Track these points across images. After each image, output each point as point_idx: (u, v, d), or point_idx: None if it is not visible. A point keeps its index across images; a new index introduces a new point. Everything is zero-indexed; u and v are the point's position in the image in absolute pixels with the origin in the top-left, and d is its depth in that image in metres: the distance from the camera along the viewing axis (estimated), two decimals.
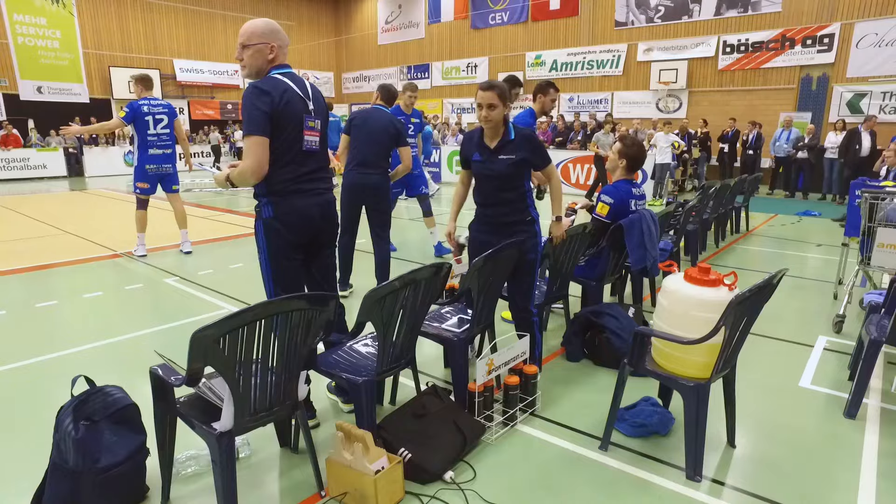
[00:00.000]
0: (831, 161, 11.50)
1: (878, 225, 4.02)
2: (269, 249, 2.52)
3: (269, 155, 2.35)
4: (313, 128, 2.51)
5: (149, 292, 5.15)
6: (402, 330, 2.43)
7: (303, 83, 2.51)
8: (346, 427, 2.29)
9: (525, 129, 2.96)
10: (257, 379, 2.00)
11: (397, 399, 3.04)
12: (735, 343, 2.35)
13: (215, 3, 20.37)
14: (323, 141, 2.60)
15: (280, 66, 2.48)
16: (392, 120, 4.49)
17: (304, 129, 2.46)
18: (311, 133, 2.50)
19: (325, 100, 2.64)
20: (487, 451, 2.60)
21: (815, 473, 2.45)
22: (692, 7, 14.66)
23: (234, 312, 1.82)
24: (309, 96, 2.51)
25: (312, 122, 2.50)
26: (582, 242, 3.58)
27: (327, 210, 2.62)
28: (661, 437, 2.71)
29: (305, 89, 2.50)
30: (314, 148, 2.53)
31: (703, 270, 2.41)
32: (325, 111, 2.62)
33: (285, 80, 2.42)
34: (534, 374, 2.87)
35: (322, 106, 2.59)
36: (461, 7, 19.13)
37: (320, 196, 2.57)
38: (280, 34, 2.49)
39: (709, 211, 6.36)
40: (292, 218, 2.48)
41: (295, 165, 2.46)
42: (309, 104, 2.49)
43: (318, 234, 2.61)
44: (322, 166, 2.60)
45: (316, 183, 2.55)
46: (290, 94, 2.40)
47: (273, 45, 2.45)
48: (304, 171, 2.49)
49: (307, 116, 2.47)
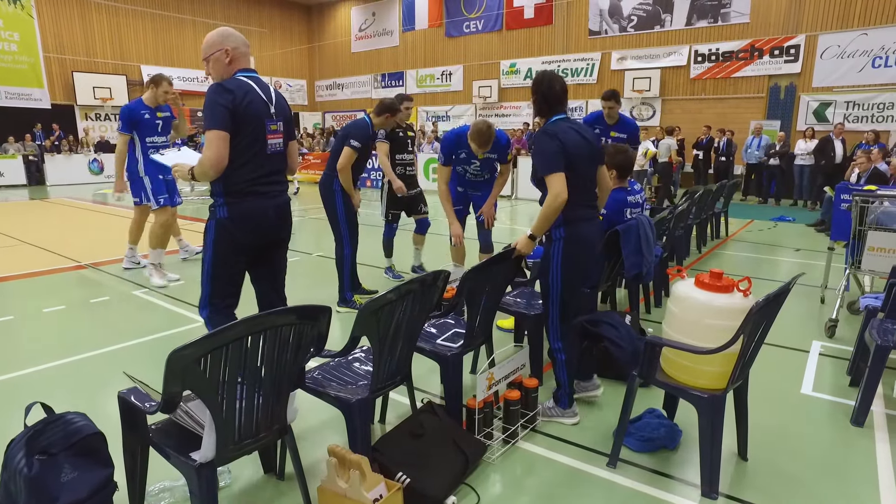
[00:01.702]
0: (801, 168, 11.72)
1: (869, 228, 4.00)
2: (216, 248, 2.54)
3: (228, 149, 2.36)
4: (276, 131, 2.54)
5: (116, 305, 4.84)
6: (398, 344, 2.25)
7: (266, 87, 2.54)
8: (340, 452, 2.09)
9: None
10: (242, 402, 1.80)
11: (388, 418, 2.85)
12: (752, 352, 2.23)
13: (185, 9, 19.89)
14: (285, 145, 2.63)
15: (244, 70, 2.51)
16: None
17: (266, 132, 2.48)
18: (274, 136, 2.53)
19: (289, 106, 2.68)
20: (490, 471, 2.43)
21: (834, 487, 2.35)
22: (664, 17, 14.89)
23: (219, 329, 1.62)
24: (271, 100, 2.53)
25: (275, 126, 2.53)
26: None
27: (283, 212, 2.66)
28: (669, 452, 2.58)
29: (269, 93, 2.54)
30: (276, 150, 2.54)
31: (714, 276, 2.29)
32: (289, 116, 2.65)
33: (249, 82, 2.45)
34: (534, 387, 2.72)
35: (285, 111, 2.62)
36: (435, 15, 19.08)
37: (277, 198, 2.60)
38: (233, 37, 2.50)
39: (692, 216, 6.34)
40: (247, 219, 2.50)
41: (254, 167, 2.47)
42: (271, 108, 2.51)
43: (271, 236, 2.65)
44: (281, 169, 2.64)
45: (273, 186, 2.58)
46: (253, 95, 2.43)
47: (226, 48, 2.47)
48: (263, 172, 2.51)
49: (269, 120, 2.49)
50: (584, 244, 2.66)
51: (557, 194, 2.48)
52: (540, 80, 2.66)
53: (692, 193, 6.06)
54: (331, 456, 2.10)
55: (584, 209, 2.65)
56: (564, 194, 2.49)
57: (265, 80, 2.59)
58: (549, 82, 2.63)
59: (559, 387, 2.84)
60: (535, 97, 2.67)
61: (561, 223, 2.63)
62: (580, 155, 2.59)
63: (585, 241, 2.66)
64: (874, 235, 3.95)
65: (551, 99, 2.63)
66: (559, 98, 2.63)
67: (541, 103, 2.65)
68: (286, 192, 2.69)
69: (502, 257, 2.74)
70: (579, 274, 2.71)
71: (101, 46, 18.02)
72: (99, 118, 18.22)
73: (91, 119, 18.04)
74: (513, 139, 13.79)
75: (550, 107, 2.64)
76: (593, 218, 2.73)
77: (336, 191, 4.42)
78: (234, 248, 2.53)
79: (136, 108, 5.32)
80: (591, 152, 2.67)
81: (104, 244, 7.34)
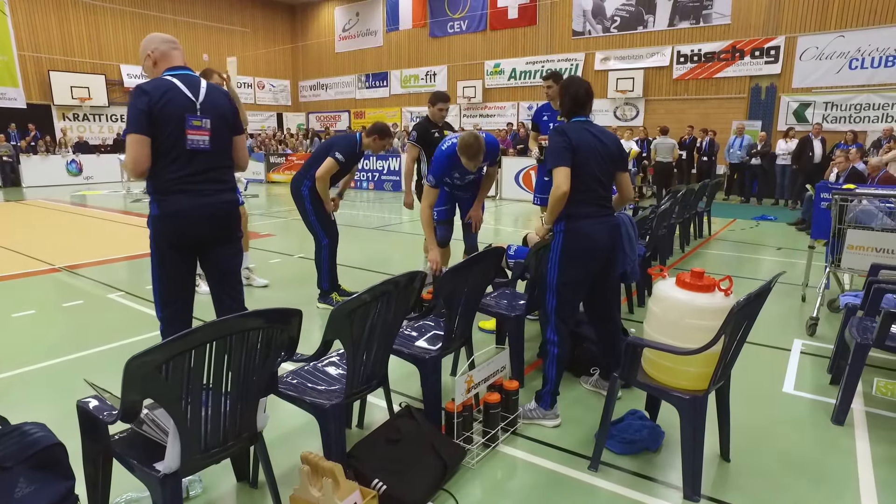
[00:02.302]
0: (783, 167, 11.85)
1: (848, 227, 4.02)
2: (155, 246, 2.56)
3: (146, 152, 2.40)
4: (199, 126, 2.49)
5: (89, 309, 4.71)
6: (373, 347, 2.19)
7: (196, 83, 2.53)
8: (313, 459, 2.02)
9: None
10: (208, 410, 1.73)
11: (366, 422, 2.78)
12: (733, 352, 2.20)
13: (166, 8, 19.60)
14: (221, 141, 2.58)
15: (171, 69, 2.54)
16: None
17: (186, 127, 2.45)
18: (196, 132, 2.49)
19: (229, 102, 2.64)
20: (469, 476, 2.38)
21: (816, 487, 2.33)
22: (647, 18, 14.97)
23: (181, 334, 1.55)
24: (198, 96, 2.50)
25: (198, 122, 2.49)
26: None
27: (220, 210, 2.59)
28: (652, 454, 2.55)
29: (197, 89, 2.51)
30: (201, 147, 2.51)
31: (696, 275, 2.26)
32: (225, 111, 2.59)
33: (171, 80, 2.47)
34: (515, 389, 2.67)
35: (218, 106, 2.56)
36: (419, 15, 19.02)
37: (210, 197, 2.55)
38: (154, 40, 2.56)
39: (674, 216, 6.35)
40: (174, 217, 2.50)
41: (180, 164, 2.47)
42: (196, 103, 2.48)
43: (207, 235, 2.60)
44: (217, 167, 2.58)
45: (205, 184, 2.53)
46: (173, 93, 2.43)
47: (149, 52, 2.55)
48: (192, 170, 2.49)
49: (190, 115, 2.46)
50: (585, 241, 2.69)
51: (557, 186, 2.59)
52: (569, 84, 2.81)
53: (675, 193, 6.07)
54: (303, 463, 2.04)
55: (589, 207, 2.70)
56: (564, 187, 2.58)
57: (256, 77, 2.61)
58: (577, 86, 2.78)
59: (545, 384, 2.80)
60: (564, 98, 2.80)
61: (563, 217, 2.71)
62: (590, 154, 2.66)
63: (586, 238, 2.69)
64: (853, 234, 3.97)
65: (578, 100, 2.76)
66: (581, 102, 2.77)
67: (570, 105, 2.78)
68: (227, 190, 2.63)
69: (481, 258, 2.69)
70: (577, 269, 2.73)
71: (78, 45, 17.68)
72: (77, 118, 17.88)
73: (69, 119, 17.70)
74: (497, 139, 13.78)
75: (574, 109, 2.78)
76: (600, 216, 2.73)
77: (304, 193, 4.45)
78: (169, 245, 2.53)
79: None
80: (606, 154, 2.75)
81: (80, 246, 7.17)
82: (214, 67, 4.37)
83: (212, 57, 20.44)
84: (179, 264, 2.60)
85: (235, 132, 2.67)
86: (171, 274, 2.60)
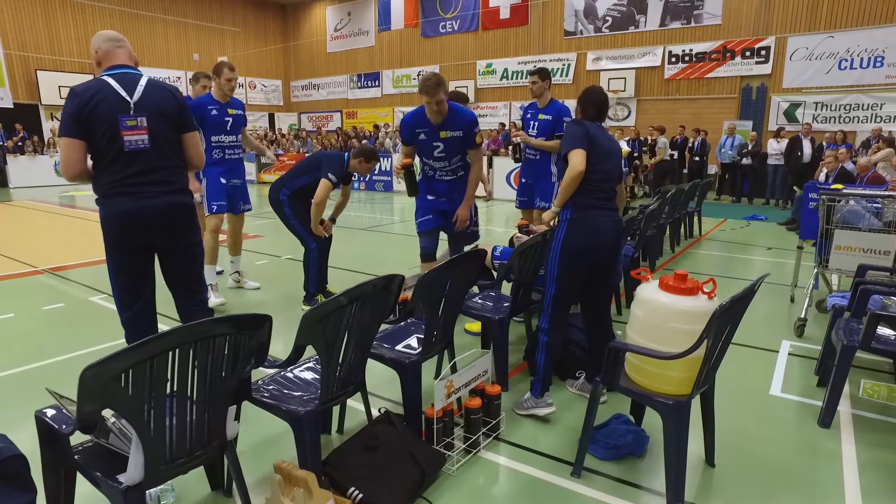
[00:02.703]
0: (774, 167, 11.86)
1: (836, 227, 3.99)
2: (106, 249, 2.54)
3: (78, 156, 2.37)
4: (134, 126, 2.40)
5: (70, 313, 4.63)
6: (348, 352, 2.13)
7: (133, 81, 2.44)
8: (286, 468, 1.97)
9: None
10: (173, 419, 1.67)
11: (347, 427, 2.73)
12: (717, 356, 2.16)
13: (155, 7, 19.43)
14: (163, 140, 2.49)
15: (111, 67, 2.48)
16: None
17: (120, 128, 2.37)
18: (132, 132, 2.40)
19: (172, 98, 2.54)
20: (449, 483, 2.33)
21: (800, 493, 2.29)
22: (638, 18, 14.97)
23: (142, 341, 1.49)
24: (133, 94, 2.41)
25: (132, 121, 2.39)
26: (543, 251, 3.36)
27: (165, 212, 2.51)
28: (636, 459, 2.50)
29: (133, 87, 2.42)
30: (140, 147, 2.42)
31: (679, 277, 2.22)
32: (166, 109, 2.50)
33: (105, 81, 2.40)
34: (497, 394, 2.62)
35: (159, 104, 2.47)
36: (411, 15, 18.96)
37: (154, 199, 2.46)
38: (98, 38, 2.52)
39: (664, 216, 6.32)
40: (115, 220, 2.45)
41: (119, 167, 2.41)
42: (130, 102, 2.40)
43: (152, 237, 2.53)
44: (161, 167, 2.49)
45: (148, 186, 2.45)
46: (104, 94, 2.36)
47: (95, 51, 2.52)
48: (131, 172, 2.42)
49: (123, 116, 2.38)
50: (588, 232, 2.74)
51: (574, 166, 2.64)
52: (591, 92, 2.89)
53: (664, 193, 6.04)
54: (276, 472, 1.98)
55: (596, 199, 2.76)
56: (581, 167, 2.63)
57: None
58: (598, 94, 2.88)
59: (534, 372, 2.90)
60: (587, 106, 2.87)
61: (570, 206, 2.76)
62: (604, 151, 2.76)
63: (590, 229, 2.74)
64: (841, 234, 3.94)
65: (600, 107, 2.86)
66: (603, 108, 2.87)
67: (593, 111, 2.86)
68: (174, 191, 2.54)
69: (460, 260, 2.64)
70: (578, 260, 2.77)
71: (66, 44, 17.50)
72: None
73: (57, 119, 17.51)
74: (489, 139, 13.74)
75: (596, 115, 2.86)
76: (606, 210, 2.78)
77: (282, 199, 4.42)
78: (118, 248, 2.51)
79: (204, 102, 4.55)
80: (617, 155, 2.88)
81: (66, 248, 7.07)
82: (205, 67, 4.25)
83: (202, 57, 20.29)
84: (132, 267, 2.54)
85: (184, 129, 2.59)
86: (126, 277, 2.56)
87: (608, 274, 2.94)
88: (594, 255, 2.78)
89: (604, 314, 3.03)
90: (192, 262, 2.70)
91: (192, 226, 2.64)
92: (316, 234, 4.41)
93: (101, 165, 2.41)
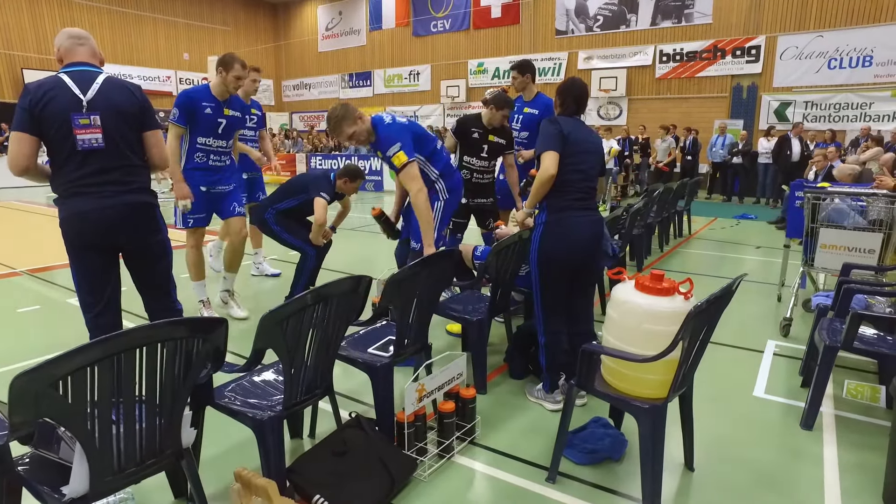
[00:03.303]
0: (765, 166, 11.87)
1: (821, 225, 3.95)
2: (67, 249, 2.52)
3: (24, 151, 2.31)
4: (87, 125, 2.35)
5: (46, 315, 4.53)
6: (313, 355, 2.06)
7: (88, 80, 2.39)
8: (246, 476, 1.90)
9: None
10: (120, 428, 1.59)
11: (319, 430, 2.65)
12: (693, 358, 2.10)
13: (144, 6, 19.26)
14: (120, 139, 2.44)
15: (70, 65, 2.44)
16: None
17: (73, 126, 2.33)
18: (85, 131, 2.35)
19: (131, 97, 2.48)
20: (420, 490, 2.26)
21: (780, 497, 2.23)
22: (629, 17, 14.96)
23: (79, 347, 1.41)
24: (87, 92, 2.36)
25: (85, 120, 2.35)
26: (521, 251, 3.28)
27: (126, 212, 2.47)
28: (614, 464, 2.44)
29: (88, 85, 2.38)
30: (94, 146, 2.37)
31: (655, 278, 2.16)
32: (119, 107, 2.43)
33: (60, 78, 2.37)
34: (471, 397, 2.55)
35: (112, 102, 2.41)
36: (402, 14, 18.89)
37: (112, 198, 2.42)
38: (61, 36, 2.49)
39: (653, 215, 6.28)
40: (73, 220, 2.43)
41: (74, 165, 2.37)
42: (83, 100, 2.35)
43: (112, 238, 2.50)
44: (117, 166, 2.44)
45: (105, 185, 2.41)
46: (56, 91, 2.32)
47: (57, 49, 2.49)
48: (87, 171, 2.38)
49: (76, 114, 2.33)
50: (564, 237, 2.71)
51: (545, 168, 2.61)
52: (572, 85, 2.81)
53: (650, 192, 5.99)
54: (236, 481, 1.91)
55: (573, 200, 2.71)
56: (552, 170, 2.60)
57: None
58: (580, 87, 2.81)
59: (540, 371, 2.98)
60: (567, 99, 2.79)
61: (545, 208, 2.74)
62: (580, 148, 2.70)
63: (565, 235, 2.71)
64: (826, 233, 3.90)
65: (580, 100, 2.80)
66: (583, 101, 2.81)
67: (573, 104, 2.79)
68: (132, 191, 2.49)
69: (430, 261, 2.56)
70: (557, 262, 2.74)
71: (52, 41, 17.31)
72: None
73: None
74: None
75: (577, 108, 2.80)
76: (583, 210, 2.74)
77: (267, 219, 4.33)
78: (75, 247, 2.48)
79: (197, 96, 3.87)
80: (595, 151, 2.82)
81: (48, 249, 6.95)
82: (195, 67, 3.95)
83: (192, 56, 20.15)
84: (93, 268, 2.51)
85: (145, 128, 2.52)
86: (89, 277, 2.53)
87: (588, 272, 2.90)
88: (572, 259, 2.75)
89: (584, 314, 2.98)
90: (158, 262, 2.66)
91: (154, 225, 2.59)
92: (315, 244, 4.33)
93: (57, 164, 2.38)
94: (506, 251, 3.06)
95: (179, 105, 3.81)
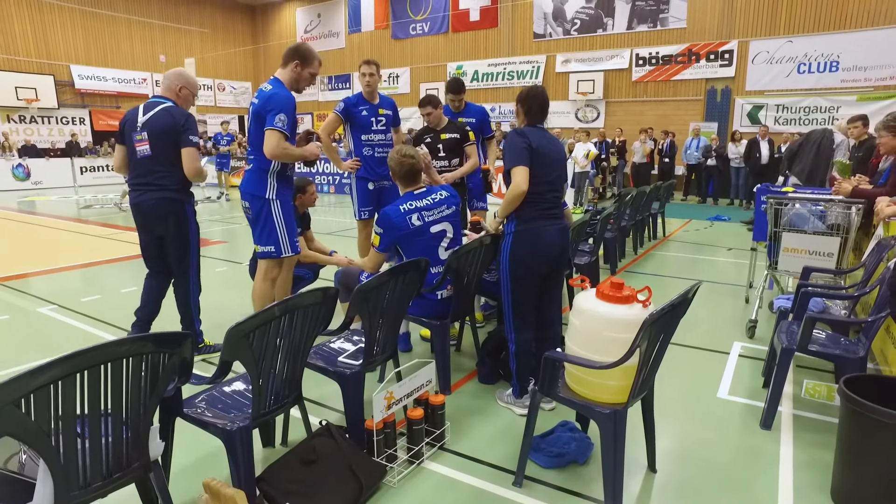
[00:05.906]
0: (737, 168, 12.12)
1: (783, 230, 4.08)
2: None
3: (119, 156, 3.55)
4: (140, 140, 3.35)
5: (13, 326, 4.47)
6: (280, 365, 2.09)
7: (152, 106, 3.37)
8: (214, 486, 1.92)
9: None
10: (86, 443, 1.61)
11: (291, 439, 2.68)
12: (652, 364, 2.18)
13: (118, 7, 18.97)
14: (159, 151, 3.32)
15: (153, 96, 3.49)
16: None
17: (133, 140, 3.37)
18: (139, 144, 3.36)
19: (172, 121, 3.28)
20: (389, 496, 2.30)
21: (736, 496, 2.32)
22: (606, 21, 15.16)
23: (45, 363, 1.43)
24: (146, 116, 3.34)
25: (139, 136, 3.35)
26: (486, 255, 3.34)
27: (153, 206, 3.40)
28: (579, 467, 2.51)
29: (148, 111, 3.35)
30: (146, 154, 3.37)
31: (615, 286, 2.23)
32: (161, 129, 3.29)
33: (139, 106, 3.44)
34: (440, 403, 2.60)
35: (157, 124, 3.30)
36: (381, 16, 18.89)
37: (146, 194, 3.40)
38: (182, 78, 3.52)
39: (626, 218, 6.39)
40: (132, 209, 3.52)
41: (132, 167, 3.45)
42: (138, 122, 3.35)
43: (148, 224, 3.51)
44: (153, 171, 3.35)
45: (142, 185, 3.42)
46: (131, 115, 3.43)
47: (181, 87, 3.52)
48: (137, 172, 3.43)
49: (134, 132, 3.37)
50: (533, 246, 2.77)
51: (517, 185, 2.65)
52: (535, 93, 2.82)
53: (622, 196, 6.10)
54: (205, 490, 1.93)
55: (540, 211, 2.76)
56: (524, 186, 2.65)
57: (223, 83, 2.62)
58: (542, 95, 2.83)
59: (511, 376, 3.01)
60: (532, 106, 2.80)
61: (514, 219, 2.78)
62: (547, 159, 2.74)
63: (535, 243, 2.77)
64: (788, 237, 4.03)
65: (544, 108, 2.82)
66: (546, 109, 2.84)
67: (538, 112, 2.81)
68: (154, 189, 3.36)
69: (403, 269, 2.61)
70: (526, 270, 2.80)
71: (23, 43, 16.97)
72: (24, 120, 17.18)
73: (14, 121, 17.00)
74: None
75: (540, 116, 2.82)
76: (551, 219, 2.80)
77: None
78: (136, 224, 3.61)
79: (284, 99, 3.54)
80: (560, 160, 2.89)
81: (21, 256, 6.84)
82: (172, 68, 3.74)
83: (169, 58, 19.89)
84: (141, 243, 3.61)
85: (181, 145, 3.29)
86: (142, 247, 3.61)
87: (556, 278, 2.97)
88: (540, 266, 2.82)
89: (553, 318, 3.05)
90: (170, 245, 3.50)
91: (175, 218, 3.41)
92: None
93: (130, 166, 3.45)
94: (466, 255, 3.11)
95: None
